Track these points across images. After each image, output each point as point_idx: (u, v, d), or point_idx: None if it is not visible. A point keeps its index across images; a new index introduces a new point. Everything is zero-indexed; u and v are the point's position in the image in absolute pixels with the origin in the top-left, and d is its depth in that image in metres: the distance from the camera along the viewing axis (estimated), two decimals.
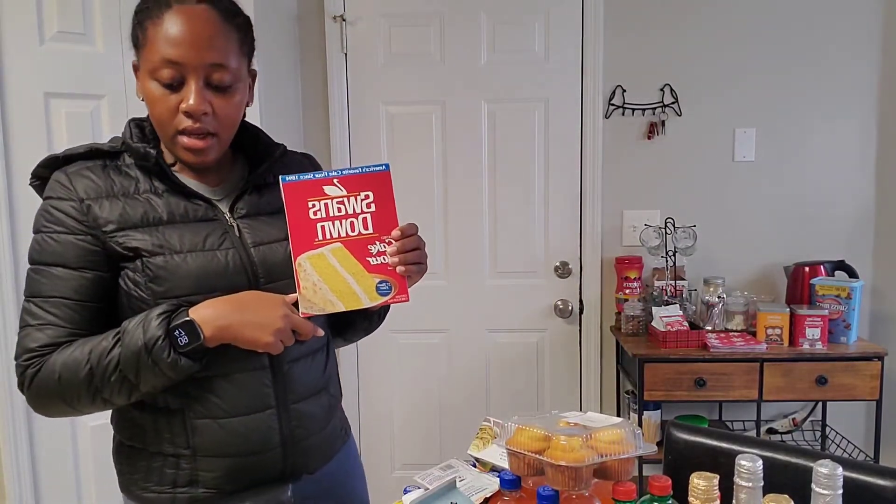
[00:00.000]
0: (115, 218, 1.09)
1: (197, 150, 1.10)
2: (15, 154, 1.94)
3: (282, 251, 1.15)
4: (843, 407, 2.74)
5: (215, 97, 1.08)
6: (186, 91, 1.06)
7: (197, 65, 1.05)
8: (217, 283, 1.10)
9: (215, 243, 1.12)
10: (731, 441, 1.33)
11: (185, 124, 1.07)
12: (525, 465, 1.06)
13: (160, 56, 1.04)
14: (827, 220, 2.76)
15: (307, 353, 1.20)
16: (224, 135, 1.12)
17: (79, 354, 1.03)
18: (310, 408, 1.20)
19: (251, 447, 1.13)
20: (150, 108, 1.10)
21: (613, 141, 2.76)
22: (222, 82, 1.08)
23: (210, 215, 1.14)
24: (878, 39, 2.68)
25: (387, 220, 1.10)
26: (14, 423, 1.96)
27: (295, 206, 1.09)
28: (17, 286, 1.96)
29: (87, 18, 2.05)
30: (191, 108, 1.06)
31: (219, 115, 1.09)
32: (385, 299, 1.09)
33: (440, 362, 2.90)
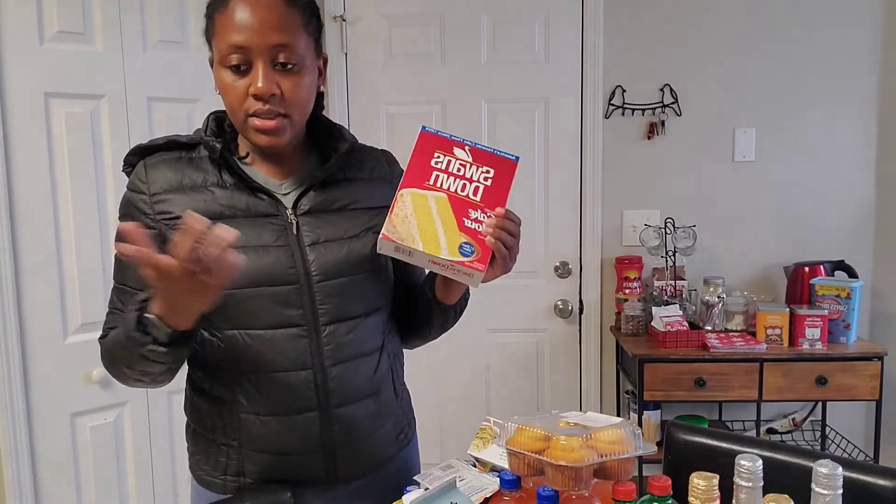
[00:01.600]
0: (180, 211, 1.10)
1: (268, 130, 1.10)
2: (15, 154, 1.94)
3: (340, 250, 1.16)
4: (843, 407, 2.74)
5: (283, 78, 1.09)
6: (254, 74, 1.07)
7: (262, 47, 1.06)
8: (264, 280, 1.11)
9: (269, 240, 1.13)
10: (731, 441, 1.33)
11: (255, 107, 1.08)
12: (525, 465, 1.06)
13: (227, 43, 1.07)
14: (827, 220, 2.76)
15: (354, 357, 1.18)
16: (295, 116, 1.13)
17: (110, 340, 1.11)
18: (354, 413, 1.18)
19: (290, 447, 1.15)
20: (223, 97, 1.12)
21: (613, 141, 2.76)
22: (289, 61, 1.08)
23: (271, 210, 1.15)
24: (878, 39, 2.68)
25: (496, 198, 1.11)
26: (14, 423, 1.96)
27: (422, 151, 1.10)
28: (18, 286, 1.96)
29: (87, 18, 2.05)
30: (258, 90, 1.07)
31: (287, 96, 1.09)
32: (464, 259, 1.06)
33: (440, 362, 2.90)
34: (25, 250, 1.97)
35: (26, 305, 1.98)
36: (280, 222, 1.15)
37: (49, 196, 2.01)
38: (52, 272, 2.02)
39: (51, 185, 2.01)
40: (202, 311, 1.00)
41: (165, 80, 2.19)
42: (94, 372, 2.08)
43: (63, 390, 2.06)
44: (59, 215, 2.03)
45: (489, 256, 1.08)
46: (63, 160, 2.02)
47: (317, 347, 1.14)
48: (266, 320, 1.12)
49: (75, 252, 2.06)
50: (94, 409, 2.12)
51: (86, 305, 2.07)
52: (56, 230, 2.02)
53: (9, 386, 1.95)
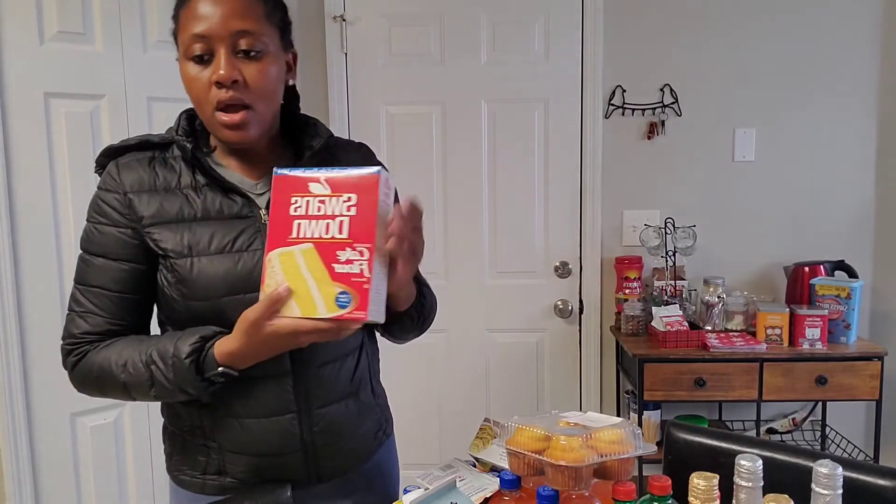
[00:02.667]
0: (152, 213, 1.11)
1: (234, 124, 1.08)
2: (15, 154, 1.94)
3: None
4: (843, 407, 2.74)
5: (245, 65, 1.07)
6: (216, 61, 1.06)
7: (223, 34, 1.05)
8: (242, 287, 1.09)
9: (244, 244, 1.11)
10: (730, 441, 1.33)
11: (219, 96, 1.06)
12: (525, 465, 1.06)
13: (188, 34, 1.06)
14: (827, 220, 2.76)
15: (333, 359, 1.18)
16: (260, 106, 1.10)
17: (114, 363, 1.09)
18: (335, 413, 1.18)
19: (271, 449, 1.15)
20: (188, 91, 1.10)
21: (613, 141, 2.76)
22: (251, 47, 1.07)
23: (245, 212, 1.13)
24: (878, 39, 2.68)
25: (363, 226, 1.00)
26: (14, 423, 1.96)
27: (280, 199, 1.02)
28: (18, 286, 1.96)
29: (87, 18, 2.05)
30: (220, 76, 1.05)
31: (251, 84, 1.07)
32: (343, 311, 0.98)
33: (440, 362, 2.90)
34: (25, 250, 1.97)
35: (26, 305, 1.98)
36: (253, 224, 1.13)
37: (49, 196, 2.01)
38: (51, 272, 2.02)
39: (51, 185, 2.01)
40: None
41: (165, 80, 2.19)
42: None
43: (63, 390, 2.04)
44: (59, 215, 2.03)
45: (367, 299, 0.98)
46: (63, 160, 2.02)
47: (297, 350, 1.12)
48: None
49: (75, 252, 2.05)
50: (94, 409, 2.12)
51: None
52: (56, 230, 2.02)
53: (9, 386, 1.95)
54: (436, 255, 2.80)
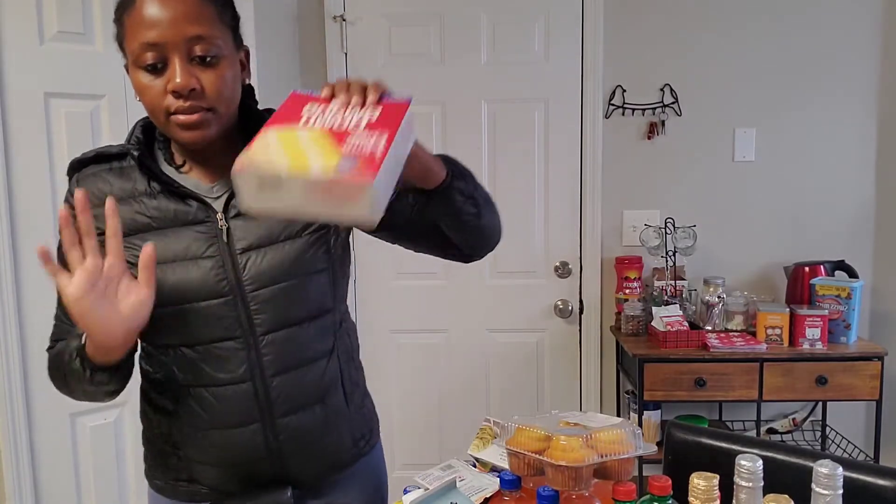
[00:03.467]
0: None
1: (191, 124, 1.03)
2: (15, 154, 1.94)
3: (274, 255, 1.09)
4: (843, 407, 2.74)
5: (202, 72, 1.02)
6: (171, 70, 1.00)
7: (176, 41, 1.00)
8: (195, 295, 1.07)
9: (199, 250, 1.08)
10: (731, 441, 1.33)
11: (175, 105, 1.01)
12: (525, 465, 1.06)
13: (139, 42, 1.01)
14: (827, 220, 2.76)
15: (298, 365, 1.12)
16: (221, 108, 1.05)
17: (54, 354, 1.11)
18: (301, 421, 1.13)
19: (236, 458, 1.13)
20: (141, 99, 1.05)
21: (613, 141, 2.76)
22: (207, 53, 1.02)
23: (201, 217, 1.09)
24: (878, 39, 2.68)
25: (388, 118, 0.89)
26: (14, 423, 1.96)
27: (289, 105, 0.91)
28: (17, 285, 1.96)
29: (87, 18, 2.05)
30: (177, 86, 1.00)
31: (208, 91, 1.02)
32: (341, 175, 0.80)
33: (440, 362, 2.90)
34: (25, 250, 1.97)
35: (26, 305, 1.98)
36: (210, 229, 1.09)
37: (49, 196, 2.00)
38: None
39: (51, 185, 2.01)
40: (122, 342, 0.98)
41: None
42: None
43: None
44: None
45: (380, 162, 0.81)
46: (63, 160, 2.02)
47: (256, 359, 1.09)
48: (200, 336, 1.08)
49: None
50: (94, 409, 2.12)
51: None
52: (56, 230, 2.02)
53: (9, 386, 1.95)
54: None
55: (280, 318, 1.10)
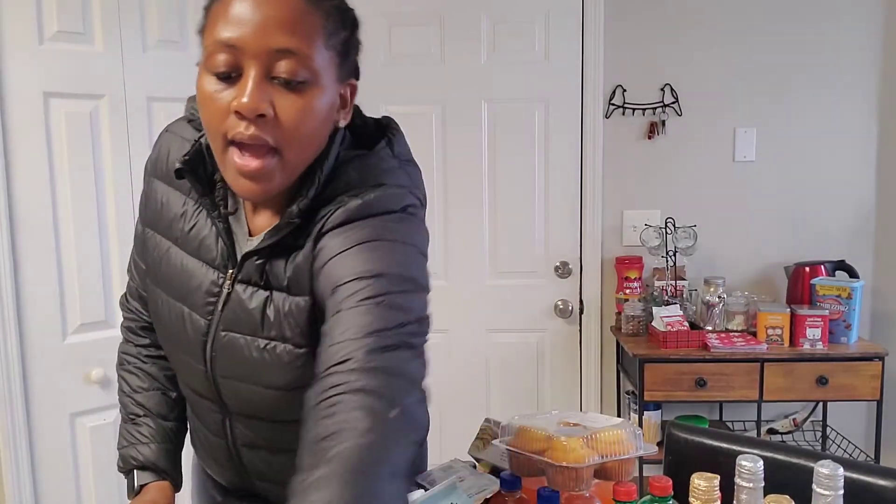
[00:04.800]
0: (153, 207, 0.99)
1: (250, 173, 0.81)
2: (14, 154, 1.94)
3: (248, 350, 0.91)
4: (844, 407, 2.74)
5: (280, 95, 0.81)
6: (242, 83, 0.80)
7: (258, 49, 0.79)
8: (177, 344, 0.99)
9: (197, 303, 0.94)
10: (731, 441, 1.33)
11: (237, 129, 0.80)
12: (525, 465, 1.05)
13: (215, 38, 0.80)
14: (827, 220, 2.76)
15: (266, 447, 1.01)
16: (290, 154, 0.83)
17: (120, 388, 1.14)
18: (280, 491, 0.93)
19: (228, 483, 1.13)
20: (201, 111, 0.85)
21: (613, 141, 2.76)
22: (293, 76, 0.80)
23: (217, 262, 0.93)
24: (878, 40, 2.68)
25: None
26: (14, 423, 1.96)
27: None
28: (17, 285, 1.96)
29: (87, 18, 2.05)
30: (243, 105, 0.79)
31: (282, 121, 0.81)
32: None
33: (440, 362, 2.89)
34: (25, 250, 1.97)
35: (26, 305, 1.98)
36: (217, 285, 0.93)
37: (49, 196, 2.00)
38: (51, 272, 2.02)
39: (51, 185, 2.00)
40: None
41: (165, 80, 2.19)
42: (94, 372, 2.08)
43: (63, 390, 2.05)
44: (59, 215, 2.02)
45: None
46: (63, 160, 2.02)
47: (230, 426, 1.02)
48: (183, 378, 1.06)
49: (75, 252, 2.05)
50: (94, 409, 2.12)
51: (85, 305, 2.07)
52: (56, 230, 2.02)
53: (9, 386, 1.95)
54: (436, 255, 2.80)
55: (250, 408, 0.97)
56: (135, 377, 1.12)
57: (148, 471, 1.07)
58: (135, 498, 1.05)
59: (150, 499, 1.05)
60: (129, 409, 1.11)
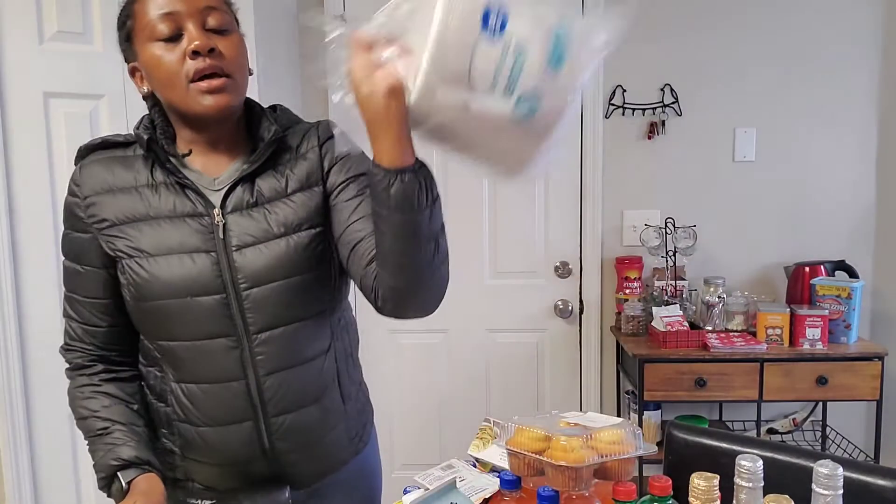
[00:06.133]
0: (108, 215, 1.09)
1: (216, 88, 1.03)
2: (14, 154, 1.94)
3: (269, 252, 1.08)
4: (844, 407, 2.74)
5: (217, 39, 1.04)
6: (188, 36, 1.03)
7: (191, 9, 1.03)
8: (188, 290, 1.06)
9: (194, 245, 1.07)
10: (731, 441, 1.33)
11: (196, 67, 1.02)
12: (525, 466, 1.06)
13: (153, 16, 1.03)
14: (827, 220, 2.76)
15: (292, 365, 1.11)
16: (238, 77, 1.06)
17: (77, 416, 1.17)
18: (296, 421, 1.12)
19: (230, 457, 1.12)
20: (155, 74, 1.05)
21: (613, 141, 2.76)
22: (220, 24, 1.05)
23: (199, 210, 1.08)
24: (878, 40, 2.68)
25: None
26: (14, 423, 1.96)
27: None
28: (17, 285, 1.96)
29: (87, 18, 2.05)
30: (198, 45, 1.01)
31: (225, 56, 1.04)
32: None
33: (440, 362, 2.89)
34: (25, 250, 1.97)
35: (26, 305, 1.98)
36: (207, 224, 1.08)
37: (49, 196, 2.00)
38: (51, 272, 2.02)
39: (50, 185, 2.00)
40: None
41: None
42: None
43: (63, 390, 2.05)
44: (59, 215, 2.02)
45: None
46: (63, 160, 2.02)
47: (249, 357, 1.08)
48: (194, 332, 1.08)
49: None
50: None
51: None
52: (56, 230, 2.02)
53: (9, 386, 1.95)
54: None
55: (274, 317, 1.08)
56: (93, 400, 1.14)
57: (133, 467, 1.06)
58: (126, 496, 1.04)
59: (142, 489, 1.04)
60: (94, 427, 1.11)
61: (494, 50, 0.84)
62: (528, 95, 0.86)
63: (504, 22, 0.83)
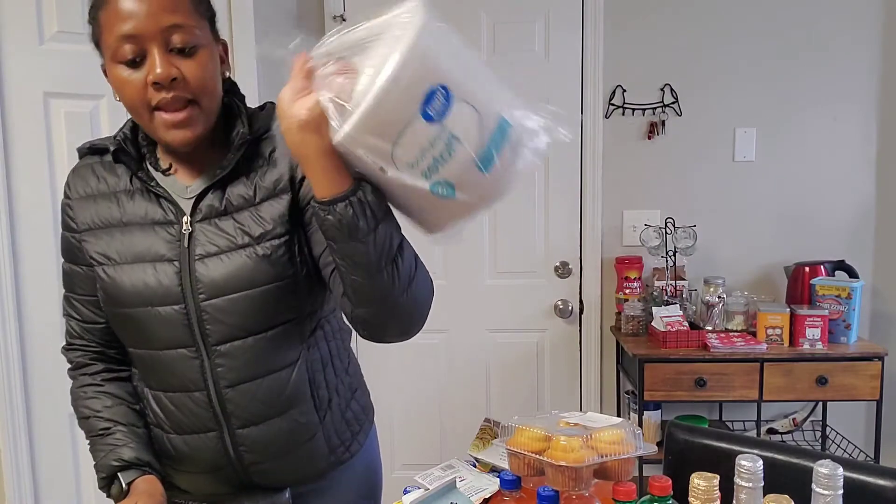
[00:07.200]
0: (86, 219, 1.11)
1: (180, 123, 0.99)
2: (15, 154, 1.94)
3: (230, 263, 1.04)
4: (844, 407, 2.74)
5: (182, 61, 0.98)
6: (150, 62, 0.97)
7: (153, 31, 0.96)
8: (150, 299, 1.05)
9: (160, 253, 1.05)
10: (731, 441, 1.33)
11: (158, 98, 0.98)
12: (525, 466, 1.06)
13: (115, 36, 0.97)
14: (827, 220, 2.76)
15: (253, 377, 1.07)
16: (205, 102, 1.01)
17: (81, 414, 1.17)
18: (263, 433, 1.09)
19: (201, 465, 1.12)
20: (120, 96, 1.02)
21: (613, 141, 2.76)
22: (186, 43, 0.98)
23: (169, 218, 1.06)
24: (878, 40, 2.68)
25: None
26: (14, 423, 1.96)
27: None
28: (17, 285, 1.96)
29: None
30: (158, 76, 0.96)
31: (190, 80, 0.99)
32: None
33: (440, 362, 2.89)
34: (25, 250, 1.97)
35: (26, 305, 1.98)
36: (175, 232, 1.06)
37: (49, 196, 2.00)
38: (51, 272, 2.01)
39: (50, 185, 2.00)
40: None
41: None
42: None
43: (63, 391, 2.03)
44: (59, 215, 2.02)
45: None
46: (63, 160, 2.02)
47: (209, 369, 1.06)
48: (157, 340, 1.07)
49: None
50: None
51: None
52: (56, 230, 2.01)
53: (9, 386, 1.95)
54: (436, 254, 2.80)
55: (234, 328, 1.05)
56: (95, 400, 1.14)
57: (133, 468, 1.07)
58: (126, 498, 1.04)
59: (142, 490, 1.04)
60: (96, 427, 1.12)
61: (428, 131, 0.82)
62: (446, 183, 0.86)
63: (446, 108, 0.82)
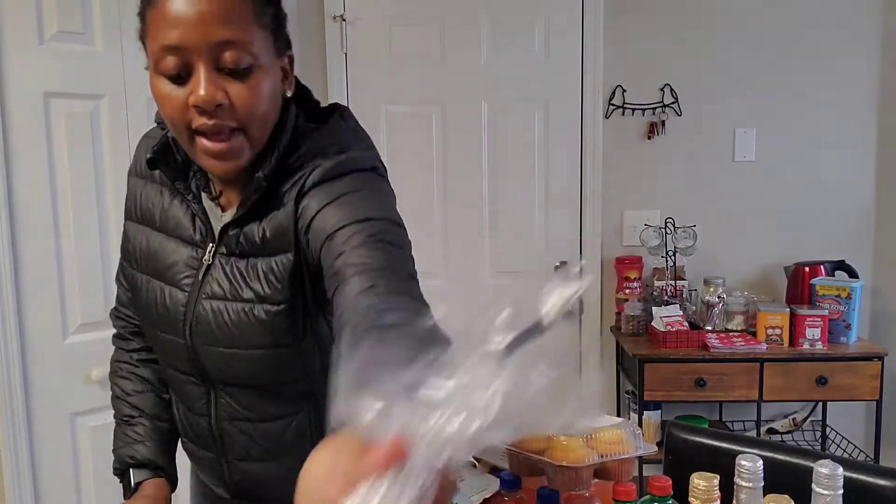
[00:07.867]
0: (131, 202, 1.06)
1: (220, 153, 0.87)
2: (15, 154, 1.94)
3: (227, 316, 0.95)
4: (843, 407, 2.74)
5: (231, 83, 0.85)
6: (194, 81, 0.84)
7: (201, 45, 0.83)
8: (157, 323, 1.02)
9: (174, 279, 0.99)
10: (731, 441, 1.33)
11: (199, 122, 0.86)
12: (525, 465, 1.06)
13: (159, 44, 0.84)
14: (827, 220, 2.76)
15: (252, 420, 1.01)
16: (253, 130, 0.89)
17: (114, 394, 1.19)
18: (256, 471, 1.05)
19: (206, 473, 1.13)
20: (161, 110, 0.90)
21: (613, 141, 2.76)
22: (238, 64, 0.85)
23: (196, 240, 0.98)
24: (878, 39, 2.68)
25: None
26: (14, 423, 1.96)
27: None
28: (17, 285, 1.96)
29: (87, 18, 2.05)
30: (199, 99, 0.84)
31: (238, 107, 0.86)
32: None
33: None
34: (25, 250, 1.97)
35: (26, 305, 1.98)
36: (197, 258, 0.98)
37: (49, 196, 2.00)
38: (51, 272, 2.02)
39: (51, 186, 2.00)
40: None
41: None
42: (94, 372, 2.07)
43: (63, 390, 2.05)
44: (59, 215, 2.02)
45: None
46: (63, 160, 2.02)
47: (213, 399, 1.02)
48: (165, 359, 1.07)
49: (75, 252, 2.05)
50: (94, 409, 2.11)
51: (85, 305, 2.07)
52: (56, 230, 2.02)
53: (9, 386, 1.94)
54: (436, 254, 2.80)
55: (228, 376, 0.99)
56: (128, 381, 1.15)
57: (144, 468, 1.08)
58: (132, 496, 1.05)
59: (146, 494, 1.05)
60: (123, 411, 1.14)
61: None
62: None
63: None
